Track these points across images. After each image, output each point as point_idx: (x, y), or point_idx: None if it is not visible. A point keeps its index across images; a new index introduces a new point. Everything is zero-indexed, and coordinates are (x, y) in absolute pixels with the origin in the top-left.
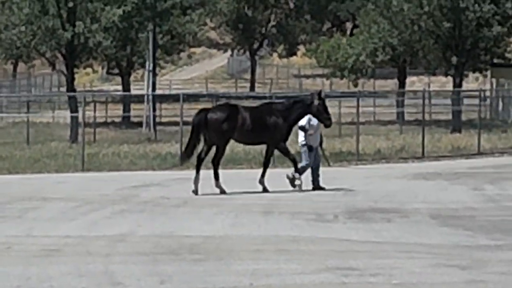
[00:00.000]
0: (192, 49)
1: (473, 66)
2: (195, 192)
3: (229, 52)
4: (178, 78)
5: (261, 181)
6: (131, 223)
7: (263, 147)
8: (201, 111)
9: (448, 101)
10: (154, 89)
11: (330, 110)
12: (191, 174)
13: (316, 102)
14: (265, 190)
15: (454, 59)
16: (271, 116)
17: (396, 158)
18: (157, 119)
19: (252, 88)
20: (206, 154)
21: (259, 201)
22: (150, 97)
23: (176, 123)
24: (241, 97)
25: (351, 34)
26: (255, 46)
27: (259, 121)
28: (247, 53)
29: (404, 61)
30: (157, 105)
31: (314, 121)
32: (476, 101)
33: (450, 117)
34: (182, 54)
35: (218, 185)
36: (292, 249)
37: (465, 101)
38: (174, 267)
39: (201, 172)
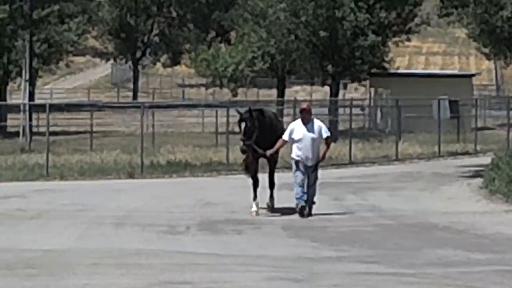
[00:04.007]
0: (76, 58)
1: (351, 76)
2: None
3: (112, 61)
4: (61, 87)
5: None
6: None
7: None
8: None
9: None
10: (32, 98)
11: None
12: (56, 185)
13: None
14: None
15: (330, 68)
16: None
17: (266, 168)
18: (36, 129)
19: (134, 97)
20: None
21: (115, 213)
22: (27, 107)
23: (54, 133)
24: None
25: (231, 43)
26: (138, 55)
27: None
28: (130, 62)
29: (283, 70)
30: (36, 114)
31: (298, 134)
32: (355, 110)
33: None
34: (60, 63)
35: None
36: (132, 263)
37: (344, 110)
38: (3, 283)
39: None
